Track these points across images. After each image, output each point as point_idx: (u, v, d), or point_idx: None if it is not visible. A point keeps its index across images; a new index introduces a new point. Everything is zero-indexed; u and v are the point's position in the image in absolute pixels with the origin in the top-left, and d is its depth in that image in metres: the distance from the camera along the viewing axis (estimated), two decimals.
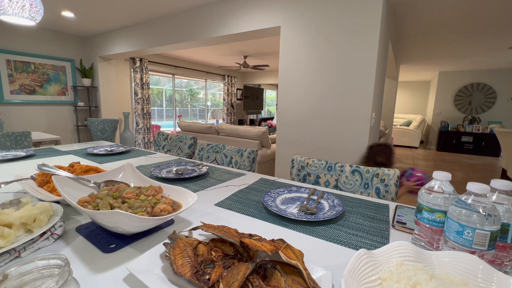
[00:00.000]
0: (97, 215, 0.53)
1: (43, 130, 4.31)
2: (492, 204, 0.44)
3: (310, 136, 2.39)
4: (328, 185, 1.16)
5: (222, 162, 1.53)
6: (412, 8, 2.71)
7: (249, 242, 0.45)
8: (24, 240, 0.49)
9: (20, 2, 1.55)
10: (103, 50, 4.36)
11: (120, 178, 0.79)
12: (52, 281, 0.29)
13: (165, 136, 1.93)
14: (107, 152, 1.49)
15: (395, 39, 3.54)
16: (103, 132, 4.14)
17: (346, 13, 2.07)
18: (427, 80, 8.24)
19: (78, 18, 3.57)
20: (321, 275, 0.44)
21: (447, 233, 0.48)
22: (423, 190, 0.56)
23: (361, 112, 2.10)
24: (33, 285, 0.30)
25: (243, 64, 5.82)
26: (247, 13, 2.64)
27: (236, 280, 0.37)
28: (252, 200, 0.85)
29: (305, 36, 2.30)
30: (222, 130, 3.72)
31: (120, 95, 5.10)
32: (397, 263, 0.44)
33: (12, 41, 3.83)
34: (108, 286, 0.43)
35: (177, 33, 3.26)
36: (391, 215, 0.75)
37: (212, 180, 1.07)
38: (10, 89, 3.87)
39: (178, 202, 0.67)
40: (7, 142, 2.10)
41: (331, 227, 0.68)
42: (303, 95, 2.39)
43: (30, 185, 0.79)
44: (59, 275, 0.30)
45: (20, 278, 0.33)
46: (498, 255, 0.47)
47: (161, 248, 0.48)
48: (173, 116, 6.79)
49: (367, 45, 2.01)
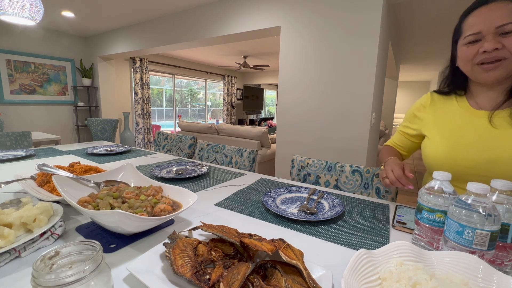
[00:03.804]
0: (97, 215, 0.53)
1: (43, 130, 4.30)
2: (492, 204, 0.44)
3: (310, 136, 2.39)
4: (328, 185, 1.16)
5: (222, 162, 1.53)
6: (412, 8, 2.71)
7: (249, 242, 0.45)
8: (24, 240, 0.49)
9: (20, 2, 1.55)
10: (103, 50, 4.36)
11: (120, 178, 0.79)
12: (92, 262, 0.34)
13: (165, 136, 1.93)
14: (107, 152, 1.49)
15: (395, 39, 3.54)
16: (103, 132, 4.14)
17: (346, 13, 2.07)
18: (427, 80, 8.24)
19: (78, 18, 3.57)
20: (321, 274, 0.44)
21: (447, 233, 0.48)
22: (423, 190, 0.56)
23: (361, 112, 2.10)
24: (78, 265, 0.33)
25: (243, 64, 5.82)
26: (247, 13, 2.64)
27: (236, 280, 0.37)
28: (252, 200, 0.85)
29: (305, 36, 2.30)
30: (222, 130, 3.72)
31: (120, 95, 5.10)
32: (397, 263, 0.44)
33: (12, 41, 3.83)
34: None
35: (177, 33, 3.26)
36: (391, 215, 0.75)
37: (212, 180, 1.07)
38: (10, 89, 3.87)
39: (178, 202, 0.67)
40: (7, 142, 2.10)
41: (331, 227, 0.68)
42: (303, 95, 2.39)
43: (30, 185, 0.78)
44: (93, 260, 0.34)
45: (69, 257, 0.36)
46: (498, 255, 0.47)
47: (161, 248, 0.48)
48: (173, 116, 6.80)
49: (367, 45, 2.01)
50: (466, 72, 0.73)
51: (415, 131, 0.89)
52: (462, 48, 0.71)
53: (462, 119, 0.76)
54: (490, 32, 0.64)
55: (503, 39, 0.62)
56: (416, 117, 0.89)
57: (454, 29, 0.75)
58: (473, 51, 0.67)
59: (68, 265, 0.36)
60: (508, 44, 0.62)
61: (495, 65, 0.65)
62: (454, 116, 0.78)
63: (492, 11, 0.64)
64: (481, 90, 0.74)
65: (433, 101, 0.85)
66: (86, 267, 0.32)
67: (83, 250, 0.37)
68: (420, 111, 0.88)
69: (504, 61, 0.63)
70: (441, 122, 0.80)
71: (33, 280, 0.31)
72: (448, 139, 0.76)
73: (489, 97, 0.73)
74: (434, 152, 0.78)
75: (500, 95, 0.71)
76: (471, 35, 0.67)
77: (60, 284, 0.31)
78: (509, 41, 0.62)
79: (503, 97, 0.70)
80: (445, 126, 0.79)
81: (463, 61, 0.71)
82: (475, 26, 0.66)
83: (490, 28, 0.63)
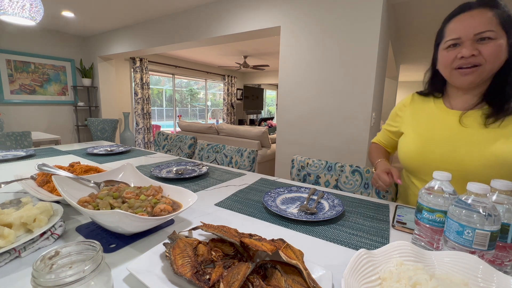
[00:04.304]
0: (97, 215, 0.53)
1: (43, 130, 4.30)
2: (492, 204, 0.44)
3: (310, 136, 2.39)
4: (328, 185, 1.16)
5: (222, 162, 1.53)
6: (412, 8, 2.71)
7: (249, 242, 0.45)
8: (24, 240, 0.49)
9: (20, 2, 1.55)
10: (103, 50, 4.36)
11: (120, 178, 0.79)
12: (92, 262, 0.34)
13: (165, 136, 1.93)
14: (107, 152, 1.49)
15: (395, 39, 3.54)
16: (103, 132, 4.14)
17: (346, 13, 2.07)
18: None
19: (78, 18, 3.57)
20: (321, 274, 0.44)
21: (447, 233, 0.48)
22: (423, 190, 0.56)
23: (361, 112, 2.10)
24: (78, 265, 0.33)
25: (243, 64, 5.82)
26: (247, 13, 2.64)
27: (236, 280, 0.37)
28: (252, 200, 0.85)
29: (305, 36, 2.30)
30: (222, 130, 3.72)
31: (120, 95, 5.10)
32: (397, 263, 0.44)
33: (12, 41, 3.83)
34: None
35: (177, 33, 3.26)
36: (391, 215, 0.75)
37: (212, 180, 1.07)
38: (10, 89, 3.87)
39: (178, 202, 0.67)
40: (7, 142, 2.10)
41: (331, 227, 0.68)
42: (303, 95, 2.39)
43: (30, 185, 0.78)
44: (93, 260, 0.34)
45: (69, 257, 0.36)
46: (498, 255, 0.47)
47: (161, 248, 0.48)
48: (173, 116, 6.80)
49: (367, 45, 2.01)
50: (445, 75, 0.76)
51: (396, 128, 0.95)
52: (442, 52, 0.74)
53: (435, 117, 0.81)
54: (468, 39, 0.67)
55: (480, 46, 0.66)
56: (398, 115, 0.95)
57: (437, 33, 0.79)
58: (452, 55, 0.70)
59: (68, 265, 0.36)
60: (484, 51, 0.65)
61: (472, 70, 0.68)
62: (429, 115, 0.83)
63: (472, 18, 0.67)
64: (457, 94, 0.79)
65: (413, 101, 0.91)
66: (86, 267, 0.32)
67: (83, 250, 0.37)
68: (401, 110, 0.94)
69: (480, 67, 0.67)
70: (417, 120, 0.86)
71: (33, 280, 0.31)
72: (421, 135, 0.82)
73: (464, 99, 0.77)
74: (407, 146, 0.84)
75: (473, 98, 0.75)
76: (451, 40, 0.70)
77: (60, 284, 0.31)
78: (486, 48, 0.65)
79: (476, 100, 0.74)
80: (420, 123, 0.84)
81: (443, 65, 0.75)
82: (455, 31, 0.69)
83: (469, 34, 0.66)
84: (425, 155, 0.78)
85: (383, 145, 1.05)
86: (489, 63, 0.66)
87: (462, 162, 0.72)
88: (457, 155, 0.73)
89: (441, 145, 0.76)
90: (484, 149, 0.69)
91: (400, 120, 0.93)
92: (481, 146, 0.69)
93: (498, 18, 0.65)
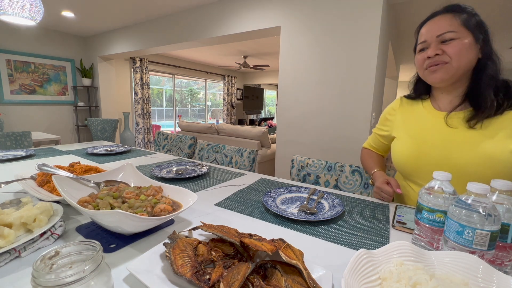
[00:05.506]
0: (97, 215, 0.53)
1: (43, 130, 4.30)
2: (492, 204, 0.44)
3: (310, 136, 2.39)
4: (328, 185, 1.16)
5: (222, 162, 1.53)
6: (412, 8, 2.71)
7: (249, 242, 0.45)
8: (24, 240, 0.49)
9: (20, 2, 1.55)
10: (103, 50, 4.36)
11: (120, 178, 0.79)
12: (93, 262, 0.34)
13: (165, 136, 1.93)
14: (107, 152, 1.49)
15: (395, 39, 3.54)
16: (103, 132, 4.14)
17: (346, 13, 2.07)
18: None
19: (78, 18, 3.57)
20: (321, 274, 0.44)
21: (447, 233, 0.48)
22: (423, 190, 0.56)
23: (361, 112, 2.10)
24: (78, 265, 0.33)
25: (243, 64, 5.82)
26: (247, 13, 2.64)
27: (236, 280, 0.37)
28: (252, 200, 0.85)
29: (305, 36, 2.30)
30: (222, 130, 3.72)
31: (120, 95, 5.10)
32: (397, 263, 0.44)
33: (12, 41, 3.83)
34: None
35: (177, 33, 3.26)
36: (391, 215, 0.75)
37: (212, 180, 1.07)
38: (10, 89, 3.87)
39: (178, 202, 0.67)
40: (7, 142, 2.10)
41: (331, 227, 0.68)
42: (303, 95, 2.39)
43: (30, 185, 0.78)
44: (93, 260, 0.34)
45: (69, 257, 0.36)
46: (498, 255, 0.47)
47: (161, 248, 0.48)
48: (173, 116, 6.80)
49: (367, 45, 2.01)
50: (421, 76, 0.82)
51: (386, 132, 0.97)
52: (416, 56, 0.81)
53: (426, 120, 0.84)
54: (433, 40, 0.74)
55: (444, 46, 0.72)
56: (387, 119, 0.97)
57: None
58: (422, 57, 0.77)
59: (68, 265, 0.36)
60: (448, 50, 0.71)
61: (439, 67, 0.74)
62: (420, 118, 0.86)
63: (435, 22, 0.75)
64: (441, 95, 0.82)
65: (402, 104, 0.93)
66: (86, 267, 0.32)
67: (83, 250, 0.37)
68: (390, 114, 0.96)
69: (446, 64, 0.72)
70: (409, 123, 0.88)
71: (33, 280, 0.31)
72: (414, 138, 0.84)
73: (447, 100, 0.81)
74: (402, 149, 0.86)
75: (455, 99, 0.79)
76: (420, 44, 0.78)
77: (60, 284, 0.31)
78: (449, 47, 0.71)
79: (459, 100, 0.78)
80: (412, 126, 0.86)
81: (418, 67, 0.81)
82: (423, 36, 0.77)
83: (432, 37, 0.74)
84: (420, 157, 0.80)
85: (374, 149, 1.07)
86: (455, 60, 0.71)
87: (457, 162, 0.73)
88: (451, 156, 0.75)
89: (435, 147, 0.78)
90: (475, 149, 0.71)
91: (390, 124, 0.95)
92: (472, 146, 0.72)
93: (459, 20, 0.71)
